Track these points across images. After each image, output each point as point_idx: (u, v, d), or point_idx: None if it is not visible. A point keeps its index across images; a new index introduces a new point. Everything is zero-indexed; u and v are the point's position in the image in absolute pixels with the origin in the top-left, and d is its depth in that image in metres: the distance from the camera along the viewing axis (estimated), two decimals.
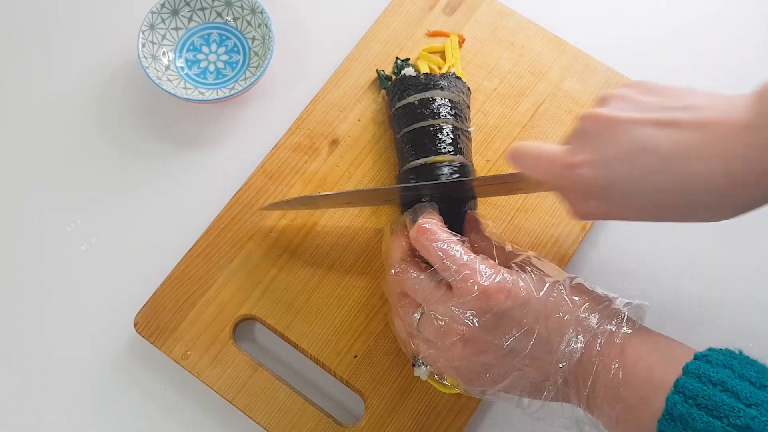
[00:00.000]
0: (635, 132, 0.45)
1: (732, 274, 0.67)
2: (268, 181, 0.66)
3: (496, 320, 0.48)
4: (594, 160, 0.46)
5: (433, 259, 0.51)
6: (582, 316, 0.48)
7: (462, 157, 0.61)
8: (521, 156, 0.50)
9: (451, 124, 0.62)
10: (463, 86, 0.66)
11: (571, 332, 0.47)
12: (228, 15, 0.73)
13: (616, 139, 0.45)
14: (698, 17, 0.77)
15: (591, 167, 0.46)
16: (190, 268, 0.63)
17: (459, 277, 0.49)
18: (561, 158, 0.47)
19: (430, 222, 0.53)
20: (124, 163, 0.69)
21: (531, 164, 0.50)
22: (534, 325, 0.48)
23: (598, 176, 0.45)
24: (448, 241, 0.51)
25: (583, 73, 0.71)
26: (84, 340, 0.64)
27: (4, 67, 0.73)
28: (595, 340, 0.47)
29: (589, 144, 0.46)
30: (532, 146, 0.50)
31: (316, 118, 0.69)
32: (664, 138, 0.44)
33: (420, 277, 0.52)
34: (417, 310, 0.52)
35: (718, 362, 0.43)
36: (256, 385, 0.60)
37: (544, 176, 0.49)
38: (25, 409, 0.62)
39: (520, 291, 0.48)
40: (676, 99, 0.46)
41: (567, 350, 0.47)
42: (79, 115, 0.71)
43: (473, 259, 0.50)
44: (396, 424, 0.59)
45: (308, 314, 0.62)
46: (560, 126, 0.69)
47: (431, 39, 0.72)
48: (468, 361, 0.49)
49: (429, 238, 0.52)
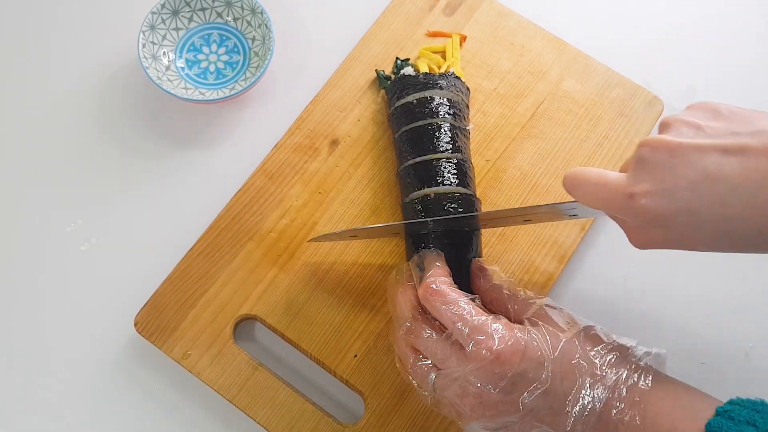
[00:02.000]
0: (701, 160, 0.42)
1: (732, 275, 0.67)
2: (269, 181, 0.66)
3: (513, 382, 0.48)
4: (657, 191, 0.43)
5: (445, 321, 0.51)
6: (599, 373, 0.47)
7: (461, 155, 0.61)
8: (579, 183, 0.48)
9: (449, 123, 0.62)
10: (462, 86, 0.66)
11: (589, 390, 0.47)
12: (228, 15, 0.73)
13: (681, 168, 0.43)
14: (698, 18, 0.77)
15: (654, 198, 0.43)
16: (191, 268, 0.63)
17: (472, 342, 0.48)
18: (622, 188, 0.45)
19: (439, 281, 0.52)
20: (124, 163, 0.70)
21: (589, 192, 0.47)
22: (551, 384, 0.47)
23: (661, 207, 0.43)
24: (459, 303, 0.50)
25: (583, 74, 0.71)
26: (84, 339, 0.64)
27: (4, 67, 0.73)
28: (614, 397, 0.47)
29: (652, 173, 0.44)
30: (591, 173, 0.47)
31: (316, 118, 0.69)
32: (732, 166, 0.42)
33: (433, 337, 0.51)
34: (432, 371, 0.51)
35: (741, 419, 0.43)
36: (257, 384, 0.60)
37: (603, 206, 0.47)
38: (25, 409, 0.62)
39: (535, 351, 0.48)
40: (745, 123, 0.44)
41: (586, 408, 0.46)
42: (79, 115, 0.71)
43: (485, 321, 0.49)
44: (396, 423, 0.59)
45: (308, 314, 0.62)
46: (560, 126, 0.69)
47: (431, 39, 0.72)
48: (487, 419, 0.49)
49: (439, 300, 0.51)
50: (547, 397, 0.47)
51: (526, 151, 0.68)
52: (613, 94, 0.70)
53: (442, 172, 0.60)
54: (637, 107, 0.70)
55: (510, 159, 0.68)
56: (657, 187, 0.43)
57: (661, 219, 0.44)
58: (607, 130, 0.69)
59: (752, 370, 0.64)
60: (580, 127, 0.69)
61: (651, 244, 0.47)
